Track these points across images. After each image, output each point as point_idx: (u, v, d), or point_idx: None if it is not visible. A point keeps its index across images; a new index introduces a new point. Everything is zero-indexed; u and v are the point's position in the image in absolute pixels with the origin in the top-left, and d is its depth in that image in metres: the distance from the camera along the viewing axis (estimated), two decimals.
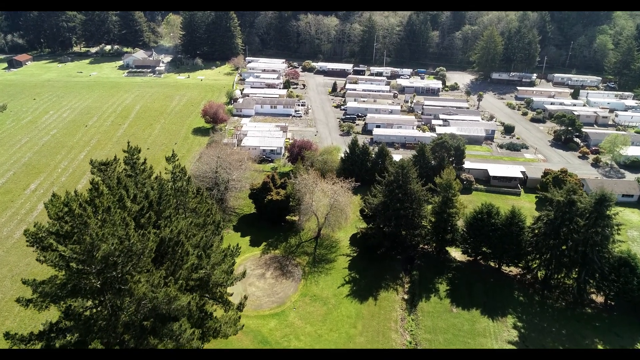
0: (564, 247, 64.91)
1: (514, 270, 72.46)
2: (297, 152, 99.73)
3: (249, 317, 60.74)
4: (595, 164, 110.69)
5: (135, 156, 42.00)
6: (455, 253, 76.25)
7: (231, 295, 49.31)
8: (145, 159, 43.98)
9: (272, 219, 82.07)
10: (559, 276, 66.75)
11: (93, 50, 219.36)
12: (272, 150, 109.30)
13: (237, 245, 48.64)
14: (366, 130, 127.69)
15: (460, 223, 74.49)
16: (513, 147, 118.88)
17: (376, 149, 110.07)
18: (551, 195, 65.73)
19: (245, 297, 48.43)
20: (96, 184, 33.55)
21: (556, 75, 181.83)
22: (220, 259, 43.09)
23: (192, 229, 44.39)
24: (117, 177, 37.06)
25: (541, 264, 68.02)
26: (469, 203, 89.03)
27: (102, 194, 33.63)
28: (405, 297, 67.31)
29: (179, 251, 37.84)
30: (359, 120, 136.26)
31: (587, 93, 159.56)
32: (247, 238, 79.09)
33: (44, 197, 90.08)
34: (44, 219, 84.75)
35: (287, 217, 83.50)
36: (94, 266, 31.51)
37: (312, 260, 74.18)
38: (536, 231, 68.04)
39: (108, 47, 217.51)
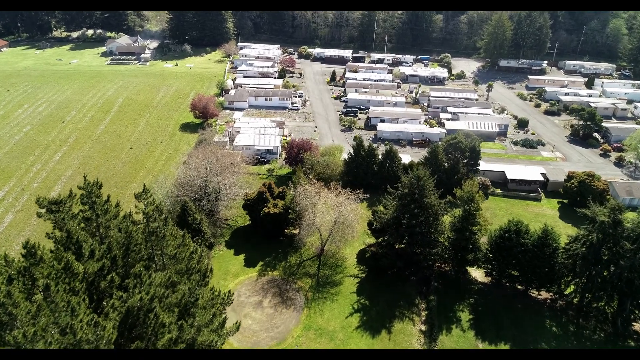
0: (605, 273, 56.61)
1: (543, 294, 64.29)
2: (296, 154, 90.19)
3: None
4: (619, 162, 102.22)
5: (95, 193, 32.51)
6: (476, 273, 67.90)
7: None
8: (109, 196, 34.41)
9: (269, 233, 73.03)
10: (599, 305, 58.61)
11: (74, 35, 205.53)
12: (267, 150, 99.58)
13: (229, 292, 39.57)
14: (369, 125, 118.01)
15: (483, 240, 65.91)
16: (529, 144, 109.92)
17: (381, 147, 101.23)
18: (592, 213, 57.04)
19: None
20: (32, 248, 24.08)
21: (568, 62, 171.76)
22: (209, 319, 34.06)
23: (173, 276, 35.19)
24: (67, 230, 27.59)
25: (577, 290, 59.81)
26: (486, 210, 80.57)
27: (41, 260, 24.14)
28: (423, 328, 59.01)
29: (152, 324, 28.74)
30: (360, 113, 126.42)
31: (603, 82, 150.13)
32: (242, 257, 70.06)
33: (12, 208, 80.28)
34: (11, 234, 75.40)
35: (285, 230, 74.48)
36: None
37: (316, 283, 65.47)
38: (570, 252, 59.59)
39: (90, 32, 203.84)
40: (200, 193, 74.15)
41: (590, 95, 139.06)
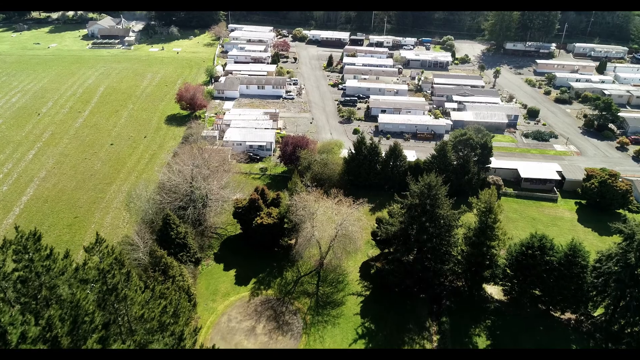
0: None
1: (566, 314, 58.01)
2: (291, 152, 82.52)
3: None
4: (637, 157, 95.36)
5: (31, 247, 24.84)
6: (492, 289, 61.47)
7: None
8: (51, 249, 26.68)
9: (262, 244, 65.92)
10: (633, 330, 52.43)
11: (54, 16, 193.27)
12: (260, 146, 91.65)
13: (214, 348, 32.53)
14: (369, 116, 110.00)
15: (502, 252, 59.25)
16: (540, 137, 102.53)
17: (383, 141, 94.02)
18: (629, 229, 50.25)
19: None
20: None
21: (577, 45, 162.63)
22: None
23: (143, 338, 28.06)
24: None
25: (607, 313, 53.60)
26: (499, 213, 73.63)
27: None
28: None
29: None
30: (360, 102, 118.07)
31: (615, 67, 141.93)
32: (232, 272, 63.04)
33: None
34: None
35: (280, 241, 67.36)
36: None
37: (315, 303, 58.79)
38: (601, 271, 53.11)
39: (71, 13, 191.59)
40: (186, 200, 66.60)
41: (602, 82, 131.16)
